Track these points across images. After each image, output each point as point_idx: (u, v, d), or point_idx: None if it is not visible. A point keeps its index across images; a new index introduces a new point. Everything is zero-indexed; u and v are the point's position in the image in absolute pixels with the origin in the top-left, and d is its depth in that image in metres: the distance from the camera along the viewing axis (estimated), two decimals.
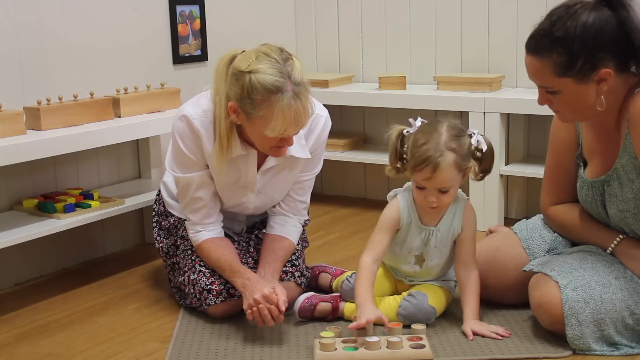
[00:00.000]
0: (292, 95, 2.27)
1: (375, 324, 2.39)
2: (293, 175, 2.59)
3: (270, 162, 2.52)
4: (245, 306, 2.36)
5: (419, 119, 2.40)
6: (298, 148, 2.50)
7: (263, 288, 2.34)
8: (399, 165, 2.39)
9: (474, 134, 2.35)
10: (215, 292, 2.49)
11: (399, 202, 2.44)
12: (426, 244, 2.44)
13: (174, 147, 2.51)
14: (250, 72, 2.27)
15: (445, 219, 2.43)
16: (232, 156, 2.44)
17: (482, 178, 2.40)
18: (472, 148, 2.34)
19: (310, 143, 2.55)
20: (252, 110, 2.29)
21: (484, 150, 2.35)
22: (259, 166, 2.53)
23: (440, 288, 2.48)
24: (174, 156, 2.52)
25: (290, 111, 2.27)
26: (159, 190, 2.79)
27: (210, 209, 2.54)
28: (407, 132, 2.37)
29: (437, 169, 2.27)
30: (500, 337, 2.33)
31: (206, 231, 2.53)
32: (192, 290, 2.53)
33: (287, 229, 2.61)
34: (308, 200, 2.69)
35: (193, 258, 2.56)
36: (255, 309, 2.33)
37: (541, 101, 2.26)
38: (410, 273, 2.50)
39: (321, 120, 2.55)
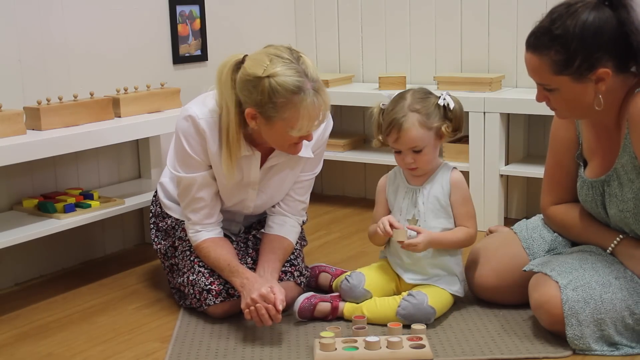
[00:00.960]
0: (314, 93, 2.29)
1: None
2: (294, 175, 2.60)
3: (273, 160, 2.53)
4: (243, 305, 2.36)
5: (398, 91, 2.56)
6: (302, 148, 2.50)
7: (260, 287, 2.34)
8: (380, 137, 2.52)
9: (442, 94, 2.48)
10: (214, 292, 2.49)
11: (387, 174, 2.63)
12: (415, 205, 2.49)
13: (178, 147, 2.50)
14: (268, 76, 2.27)
15: (430, 178, 2.52)
16: (238, 157, 2.44)
17: (454, 136, 2.52)
18: (440, 107, 2.45)
19: (312, 142, 2.55)
20: (275, 113, 2.29)
21: (451, 108, 2.45)
22: (262, 162, 2.53)
23: (442, 289, 2.48)
24: (178, 156, 2.52)
25: (314, 108, 2.30)
26: (156, 192, 2.78)
27: (211, 209, 2.54)
28: (384, 105, 2.52)
29: (402, 129, 2.43)
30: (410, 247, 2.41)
31: (206, 231, 2.53)
32: (191, 291, 2.53)
33: (286, 229, 2.61)
34: (307, 201, 2.69)
35: (192, 259, 2.56)
36: (252, 308, 2.33)
37: (539, 98, 2.26)
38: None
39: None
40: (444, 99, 2.46)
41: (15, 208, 2.94)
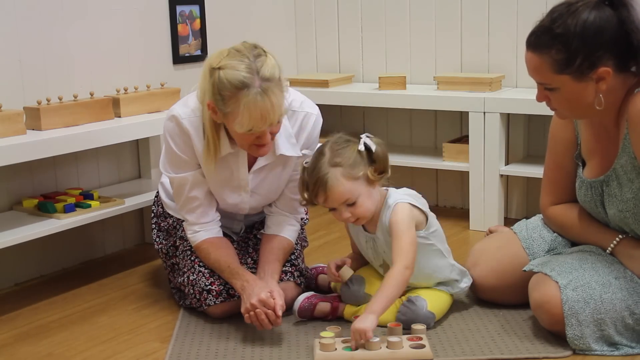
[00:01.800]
0: (259, 91, 2.25)
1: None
2: (286, 174, 2.59)
3: (261, 161, 2.52)
4: (242, 310, 2.36)
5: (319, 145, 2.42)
6: (288, 146, 2.50)
7: (260, 292, 2.34)
8: (306, 195, 2.39)
9: (360, 138, 2.35)
10: (214, 293, 2.49)
11: None
12: (376, 251, 2.46)
13: (166, 147, 2.52)
14: (219, 68, 2.28)
15: (379, 225, 2.42)
16: (222, 155, 2.44)
17: (381, 179, 2.37)
18: (362, 153, 2.33)
19: (302, 142, 2.54)
20: (223, 106, 2.29)
21: (373, 150, 2.34)
22: (250, 166, 2.53)
23: (440, 292, 2.47)
24: (167, 156, 2.53)
25: (256, 107, 2.26)
26: (157, 192, 2.79)
27: (206, 207, 2.54)
28: (306, 162, 2.39)
29: (327, 188, 2.30)
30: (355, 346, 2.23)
31: (204, 231, 2.53)
32: (191, 291, 2.53)
33: (284, 228, 2.61)
34: None
35: (192, 258, 2.56)
36: (252, 313, 2.33)
37: (539, 98, 2.26)
38: None
39: (311, 118, 2.54)
40: (364, 142, 2.34)
41: (15, 208, 2.94)
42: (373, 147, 2.34)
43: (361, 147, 2.34)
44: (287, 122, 2.47)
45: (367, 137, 2.35)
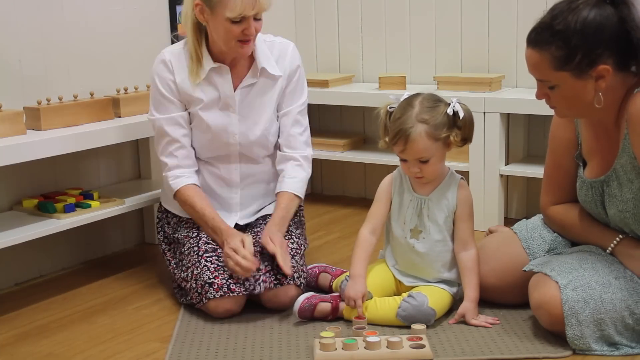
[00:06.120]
0: None
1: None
2: (273, 99, 2.69)
3: (247, 80, 2.65)
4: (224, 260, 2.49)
5: (406, 93, 2.51)
6: (272, 64, 2.66)
7: (231, 241, 2.48)
8: (387, 139, 2.48)
9: (452, 102, 2.43)
10: (216, 286, 2.48)
11: (393, 173, 2.57)
12: (420, 215, 2.48)
13: (151, 89, 2.67)
14: None
15: (437, 190, 2.48)
16: (205, 69, 2.59)
17: (462, 145, 2.47)
18: (449, 116, 2.40)
19: (284, 67, 2.70)
20: None
21: (461, 117, 2.40)
22: (236, 85, 2.65)
23: (442, 290, 2.48)
24: (152, 98, 2.69)
25: None
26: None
27: (187, 150, 2.67)
28: (391, 107, 2.48)
29: (409, 141, 2.38)
30: (489, 325, 2.40)
31: (186, 177, 2.64)
32: (193, 285, 2.53)
33: (284, 183, 2.70)
34: (306, 135, 2.76)
35: (200, 253, 2.56)
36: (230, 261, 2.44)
37: (539, 95, 2.26)
38: (409, 256, 2.50)
39: (289, 45, 2.75)
40: (453, 107, 2.41)
41: (15, 208, 2.94)
42: (461, 114, 2.41)
43: (449, 111, 2.41)
44: (266, 49, 2.66)
45: (458, 102, 2.43)
